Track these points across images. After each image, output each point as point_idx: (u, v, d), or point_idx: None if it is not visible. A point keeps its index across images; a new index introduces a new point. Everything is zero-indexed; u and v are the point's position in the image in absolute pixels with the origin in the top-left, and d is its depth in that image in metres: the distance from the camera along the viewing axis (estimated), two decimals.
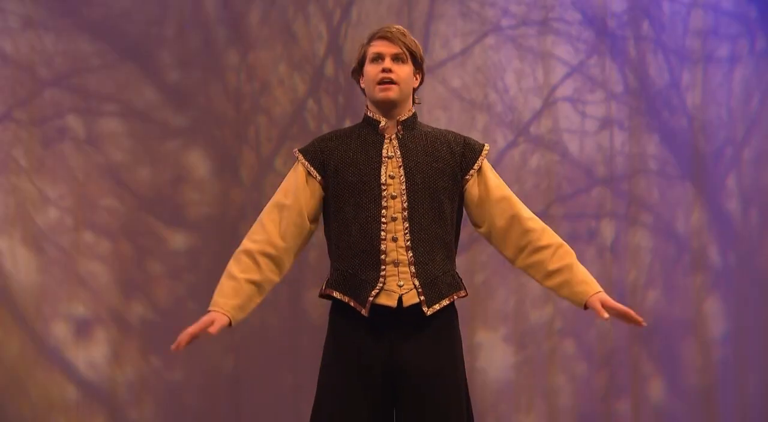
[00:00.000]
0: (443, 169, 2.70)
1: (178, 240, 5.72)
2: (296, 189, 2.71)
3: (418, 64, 2.76)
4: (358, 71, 2.78)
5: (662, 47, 5.24)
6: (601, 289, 2.72)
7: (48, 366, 5.33)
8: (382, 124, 2.72)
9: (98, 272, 5.49)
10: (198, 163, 5.81)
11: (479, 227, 2.77)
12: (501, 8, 5.47)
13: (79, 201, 5.43)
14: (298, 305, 5.74)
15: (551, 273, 2.72)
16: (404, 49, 2.71)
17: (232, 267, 2.77)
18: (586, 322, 5.23)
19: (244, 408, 5.74)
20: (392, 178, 2.68)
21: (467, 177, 2.73)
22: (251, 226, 2.89)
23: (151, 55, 5.38)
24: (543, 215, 5.36)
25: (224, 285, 2.81)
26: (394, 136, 2.72)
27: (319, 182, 2.72)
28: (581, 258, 5.21)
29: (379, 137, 2.72)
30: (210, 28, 5.50)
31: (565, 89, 5.39)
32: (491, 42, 5.47)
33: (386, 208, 2.67)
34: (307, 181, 2.71)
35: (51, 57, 5.24)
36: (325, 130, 5.92)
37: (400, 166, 2.69)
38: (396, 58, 2.69)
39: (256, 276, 2.74)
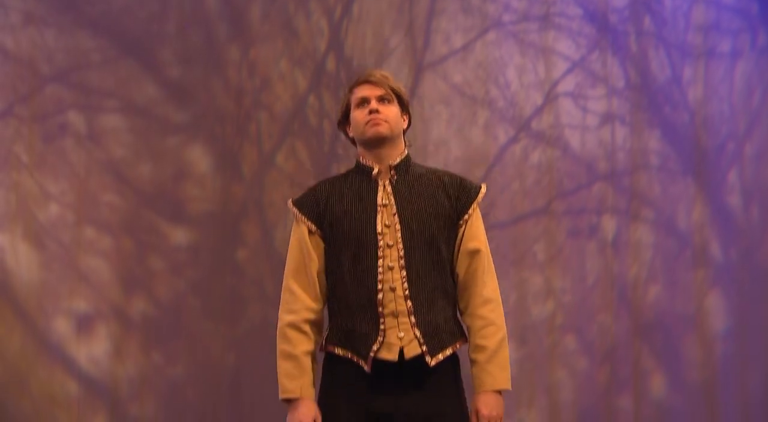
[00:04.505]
0: (439, 214, 2.64)
1: (179, 235, 5.72)
2: (307, 248, 2.66)
3: (404, 105, 2.70)
4: (343, 122, 2.72)
5: (664, 42, 5.23)
6: (496, 388, 2.63)
7: (49, 361, 5.34)
8: (375, 170, 2.66)
9: (99, 268, 5.50)
10: (199, 158, 5.81)
11: None
12: (502, 3, 5.46)
13: (80, 197, 5.43)
14: None
15: (473, 346, 2.66)
16: (389, 90, 2.66)
17: (285, 345, 2.68)
18: (587, 318, 5.22)
19: (246, 404, 5.74)
20: (387, 226, 2.63)
21: (461, 222, 2.67)
22: (250, 222, 2.88)
23: (152, 51, 5.38)
24: (544, 211, 5.36)
25: (287, 367, 2.67)
26: (387, 182, 2.66)
27: (320, 236, 2.68)
28: (583, 254, 5.25)
29: (372, 184, 2.66)
30: (211, 24, 5.50)
31: (567, 84, 5.39)
32: (492, 37, 5.47)
33: (382, 257, 2.61)
34: (311, 239, 2.67)
35: (52, 53, 5.24)
36: (326, 126, 5.91)
37: (394, 214, 2.63)
38: (381, 100, 2.65)
39: (309, 346, 2.66)
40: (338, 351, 2.65)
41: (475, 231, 2.69)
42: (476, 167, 5.53)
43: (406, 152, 2.71)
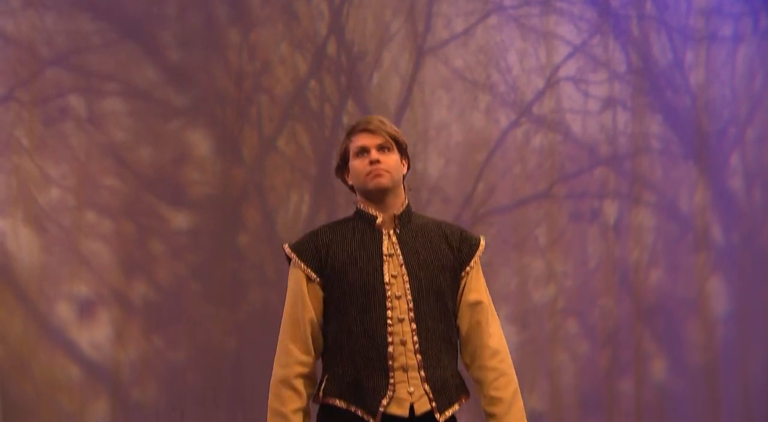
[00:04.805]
0: (444, 265, 2.60)
1: (180, 219, 5.71)
2: (303, 297, 2.58)
3: (403, 151, 2.65)
4: (342, 168, 2.67)
5: (665, 26, 5.22)
6: None
7: (51, 346, 5.33)
8: (379, 220, 2.61)
9: (100, 252, 5.49)
10: (200, 142, 5.79)
11: None
12: None
13: (80, 180, 5.42)
14: None
15: (487, 398, 2.61)
16: (388, 138, 2.61)
17: (275, 403, 2.60)
18: (588, 302, 5.22)
19: (246, 389, 5.74)
20: (395, 277, 2.57)
21: (463, 274, 2.62)
22: (251, 206, 2.84)
23: (152, 33, 5.36)
24: (546, 195, 5.35)
25: None
26: (392, 231, 2.62)
27: (319, 284, 2.59)
28: (585, 238, 5.24)
29: (377, 233, 2.61)
30: (211, 6, 5.47)
31: (568, 69, 5.37)
32: (494, 22, 5.45)
33: (391, 309, 2.55)
34: (308, 287, 2.58)
35: (52, 36, 5.22)
36: (327, 110, 5.89)
37: (401, 265, 2.58)
38: (381, 148, 2.60)
39: (299, 404, 2.58)
40: (339, 403, 2.57)
41: (475, 284, 2.64)
42: (477, 152, 5.52)
43: (407, 200, 2.67)
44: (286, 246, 2.64)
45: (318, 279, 2.58)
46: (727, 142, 4.95)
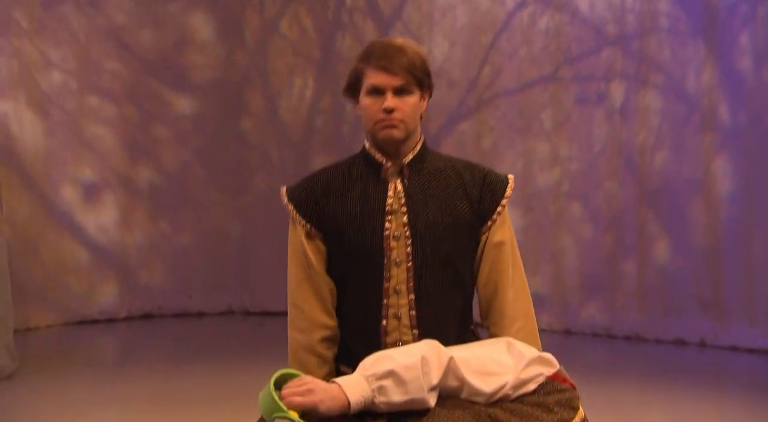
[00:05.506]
0: (458, 223, 2.29)
1: (183, 104, 5.69)
2: (306, 253, 2.32)
3: (425, 85, 2.29)
4: (351, 92, 2.32)
5: None
6: None
7: (58, 229, 5.37)
8: (385, 167, 2.31)
9: (104, 136, 5.48)
10: (201, 25, 5.72)
11: None
12: None
13: (82, 64, 5.38)
14: (305, 168, 5.73)
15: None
16: (409, 78, 2.26)
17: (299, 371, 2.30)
18: (593, 185, 5.20)
19: (251, 272, 5.79)
20: (396, 239, 2.29)
21: (484, 229, 2.30)
22: (254, 90, 2.72)
23: None
24: (552, 78, 5.28)
25: None
26: (399, 181, 2.31)
27: (321, 239, 2.33)
28: (591, 121, 5.18)
29: (381, 184, 2.31)
30: None
31: None
32: None
33: (388, 278, 2.29)
34: (308, 242, 2.32)
35: None
36: None
37: (405, 225, 2.29)
38: (399, 91, 2.26)
39: (325, 370, 2.34)
40: (345, 369, 2.33)
41: (500, 227, 2.32)
42: (483, 34, 5.44)
43: (422, 140, 2.33)
44: (282, 190, 2.38)
45: (319, 234, 2.32)
46: (737, 20, 4.84)
